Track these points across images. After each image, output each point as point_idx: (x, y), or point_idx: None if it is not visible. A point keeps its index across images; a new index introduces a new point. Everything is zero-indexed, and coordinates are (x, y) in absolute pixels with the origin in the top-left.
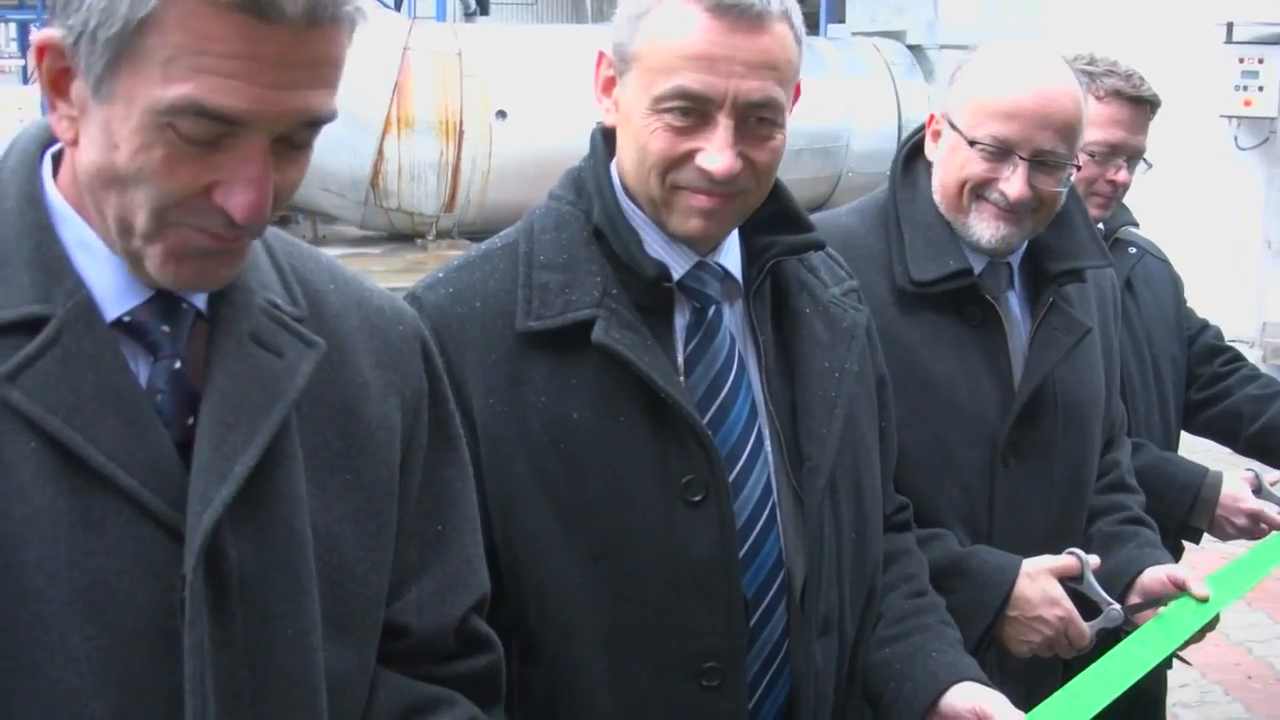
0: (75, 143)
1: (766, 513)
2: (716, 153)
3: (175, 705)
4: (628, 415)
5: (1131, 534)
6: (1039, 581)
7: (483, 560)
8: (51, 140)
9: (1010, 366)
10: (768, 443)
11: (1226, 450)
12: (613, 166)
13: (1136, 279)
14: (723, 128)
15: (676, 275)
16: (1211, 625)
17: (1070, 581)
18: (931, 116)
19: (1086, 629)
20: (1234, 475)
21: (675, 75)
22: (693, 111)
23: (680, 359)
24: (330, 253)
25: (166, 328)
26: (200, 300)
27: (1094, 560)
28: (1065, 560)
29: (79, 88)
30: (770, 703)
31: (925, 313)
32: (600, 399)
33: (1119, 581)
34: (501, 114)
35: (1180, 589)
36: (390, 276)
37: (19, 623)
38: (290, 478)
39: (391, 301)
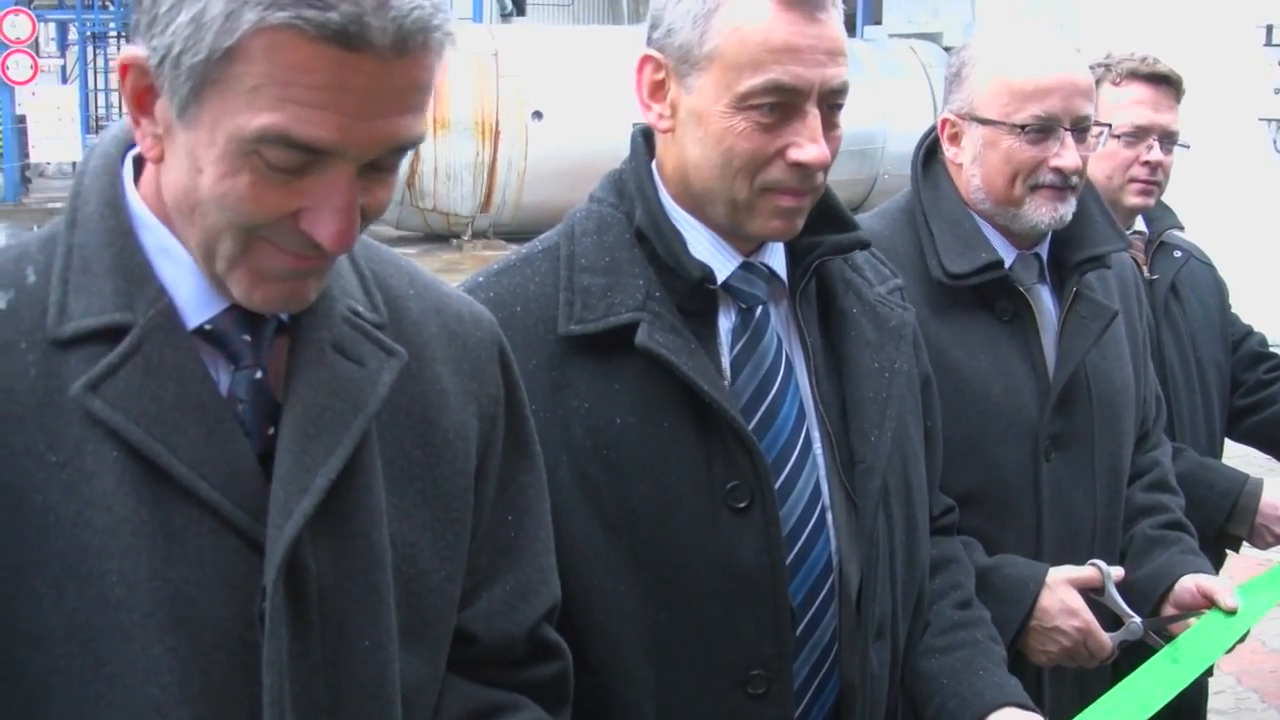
0: (161, 159)
1: (816, 517)
2: (810, 143)
3: (253, 716)
4: (671, 420)
5: (1174, 539)
6: (1057, 592)
7: (554, 568)
8: (132, 143)
9: (1044, 359)
10: (817, 445)
11: (1264, 457)
12: (654, 168)
13: (1181, 283)
14: (811, 117)
15: (721, 277)
16: (1242, 638)
17: (1092, 593)
18: (944, 120)
19: (1107, 640)
20: (1274, 483)
21: (764, 70)
22: (781, 105)
23: (726, 362)
24: None
25: (248, 337)
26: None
27: (1117, 572)
28: (1087, 572)
29: (163, 106)
30: (818, 709)
31: (956, 311)
32: (644, 404)
33: (1156, 588)
34: (537, 114)
35: (1209, 600)
36: None
37: (100, 632)
38: (370, 488)
39: (470, 306)
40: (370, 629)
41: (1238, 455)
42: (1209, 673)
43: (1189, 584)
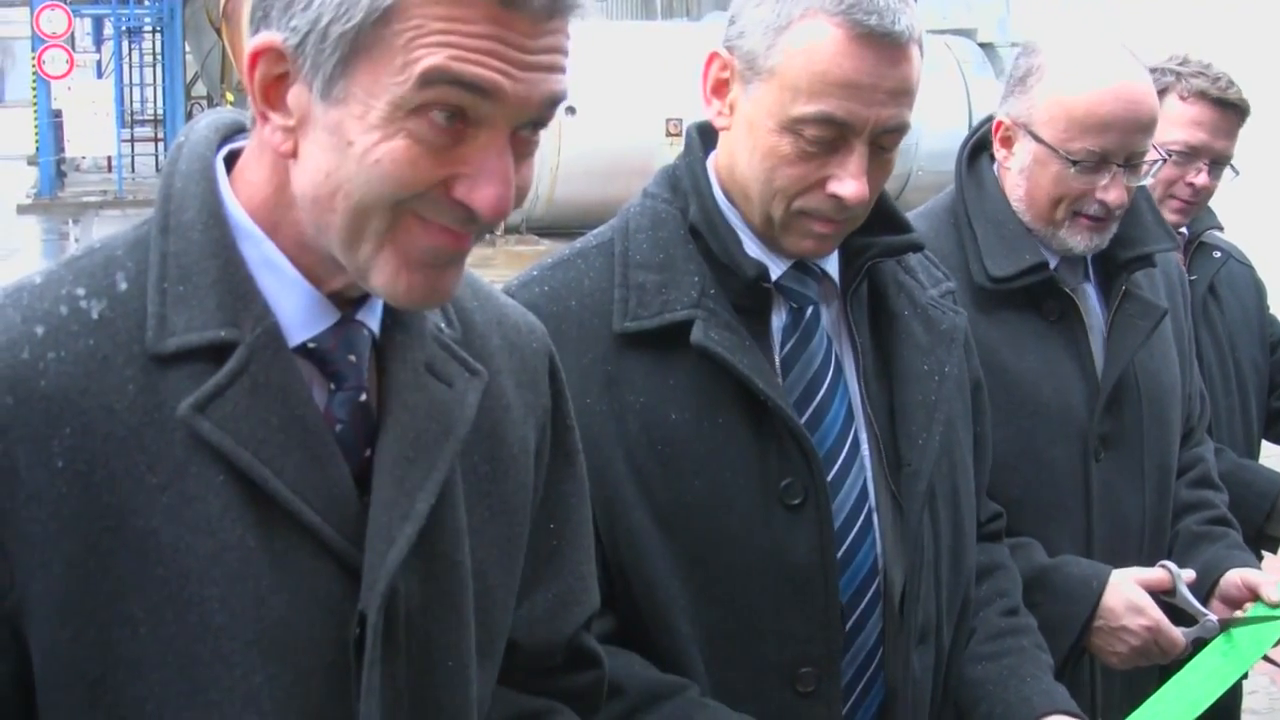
0: (294, 154)
1: (863, 518)
2: (852, 180)
3: None
4: (726, 417)
5: (1219, 534)
6: (1122, 590)
7: (594, 576)
8: (223, 142)
9: (1093, 359)
10: (865, 446)
11: None
12: (709, 165)
13: (1220, 283)
14: (858, 154)
15: (774, 275)
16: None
17: (1163, 595)
18: (1000, 123)
19: (1179, 635)
20: None
21: (819, 100)
22: (830, 137)
23: (777, 360)
24: None
25: (353, 357)
26: (376, 324)
27: (1188, 574)
28: (1157, 574)
29: (299, 94)
30: (864, 711)
31: (1003, 312)
32: (699, 400)
33: (1204, 583)
34: (571, 110)
35: (1254, 594)
36: None
37: (198, 659)
38: (455, 510)
39: (524, 316)
40: (453, 650)
41: (1275, 455)
42: (1244, 674)
43: (1235, 578)
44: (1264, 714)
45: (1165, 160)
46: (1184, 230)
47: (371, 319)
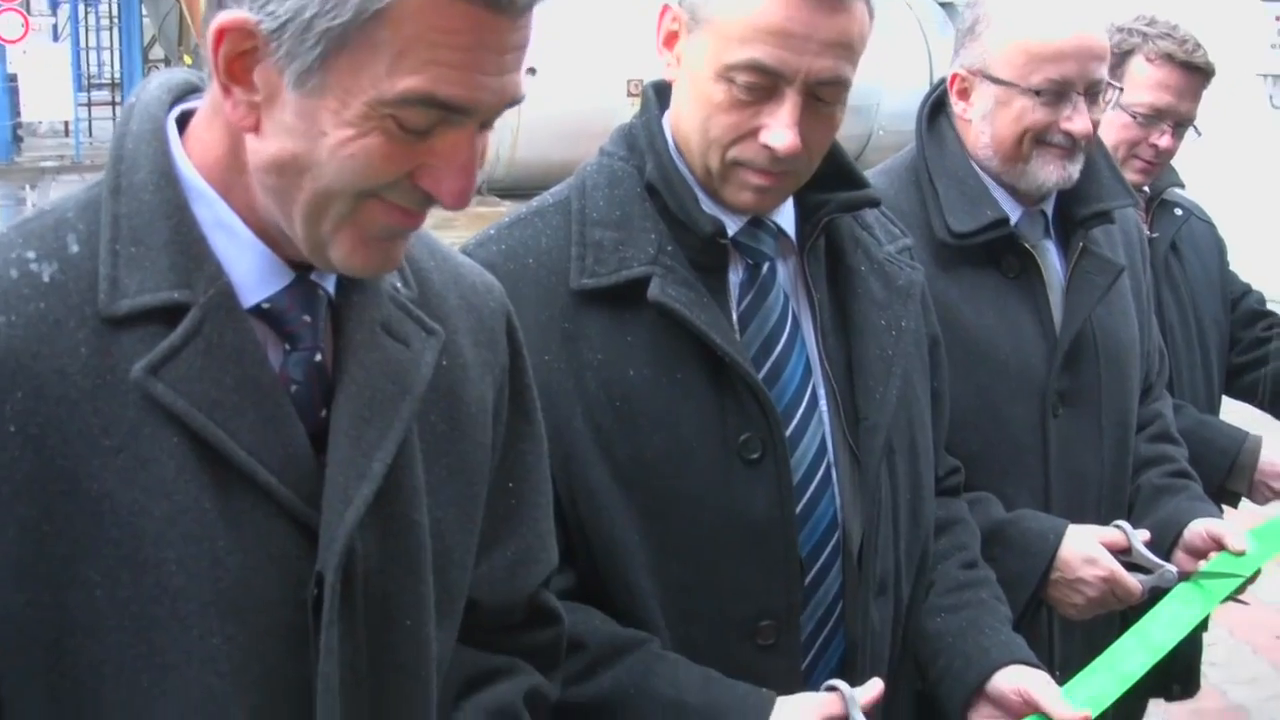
0: (255, 129)
1: (821, 472)
2: (783, 129)
3: (303, 699)
4: (684, 373)
5: (1181, 487)
6: (1078, 543)
7: (553, 534)
8: (174, 103)
9: (1052, 315)
10: (823, 401)
11: (1262, 415)
12: (665, 122)
13: (1182, 241)
14: (789, 104)
15: (731, 231)
16: (1253, 579)
17: (1120, 554)
18: (955, 75)
19: (1135, 583)
20: (1273, 440)
21: (749, 47)
22: (761, 86)
23: (734, 316)
24: None
25: (308, 317)
26: (330, 285)
27: (1143, 534)
28: (1111, 533)
29: (267, 74)
30: (824, 663)
31: (963, 269)
32: (657, 357)
33: (1167, 535)
34: (531, 71)
35: (1218, 544)
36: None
37: (156, 621)
38: (413, 469)
39: (481, 275)
40: (412, 609)
41: (1234, 413)
42: (1204, 626)
43: (1199, 529)
44: (1222, 665)
45: (1119, 93)
46: (1146, 188)
47: (326, 280)
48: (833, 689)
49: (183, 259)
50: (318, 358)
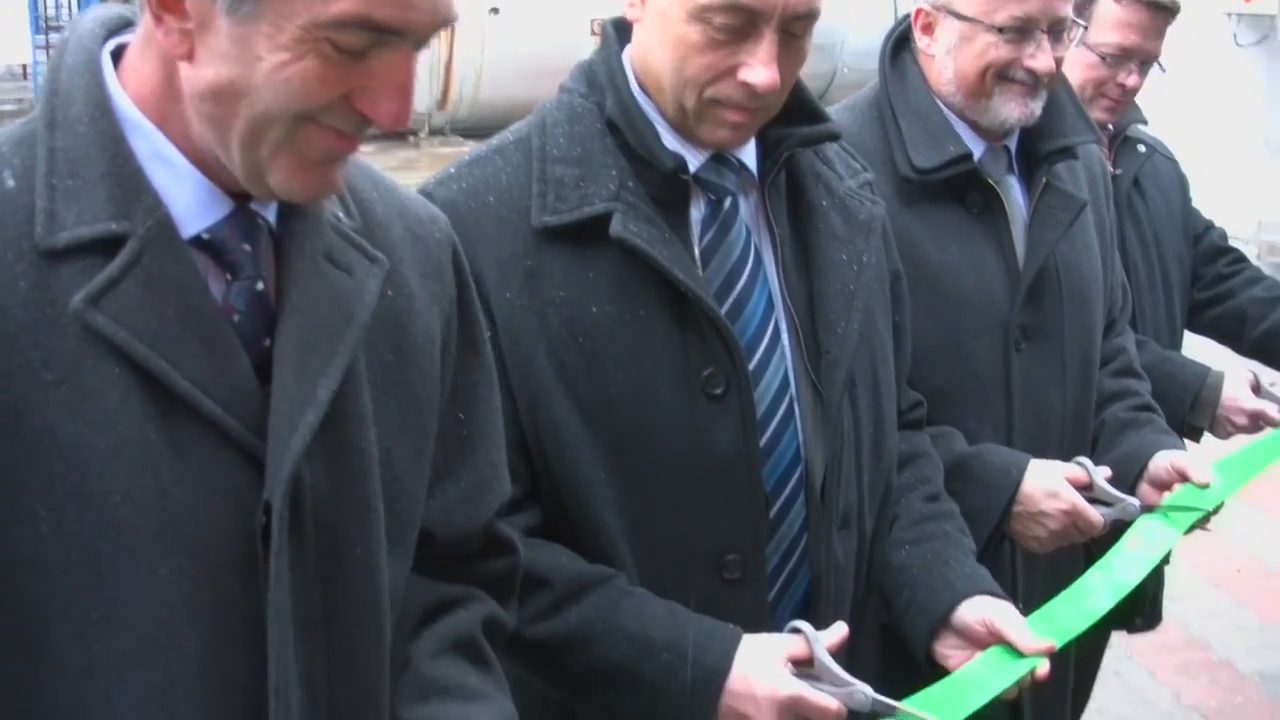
0: (189, 57)
1: (784, 407)
2: (762, 67)
3: (255, 629)
4: (647, 309)
5: (1145, 420)
6: (1040, 476)
7: (505, 464)
8: (109, 35)
9: (1015, 251)
10: (785, 336)
11: (1224, 351)
12: (625, 58)
13: (1145, 178)
14: (768, 41)
15: (692, 167)
16: (1216, 511)
17: (1082, 490)
18: (919, 11)
19: (1097, 515)
20: (1234, 375)
21: None
22: (738, 25)
23: (696, 251)
24: None
25: (248, 246)
26: (271, 215)
27: (1104, 470)
28: (1073, 470)
29: (199, 1)
30: (789, 597)
31: (926, 205)
32: (619, 293)
33: (1132, 468)
34: (494, 10)
35: (1183, 476)
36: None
37: (103, 555)
38: (359, 397)
39: (426, 207)
40: (361, 538)
41: (1197, 347)
42: (1166, 560)
43: (1163, 461)
44: (1185, 599)
45: (1084, 30)
46: (1109, 125)
47: (266, 209)
48: (796, 630)
49: (120, 191)
50: (259, 286)
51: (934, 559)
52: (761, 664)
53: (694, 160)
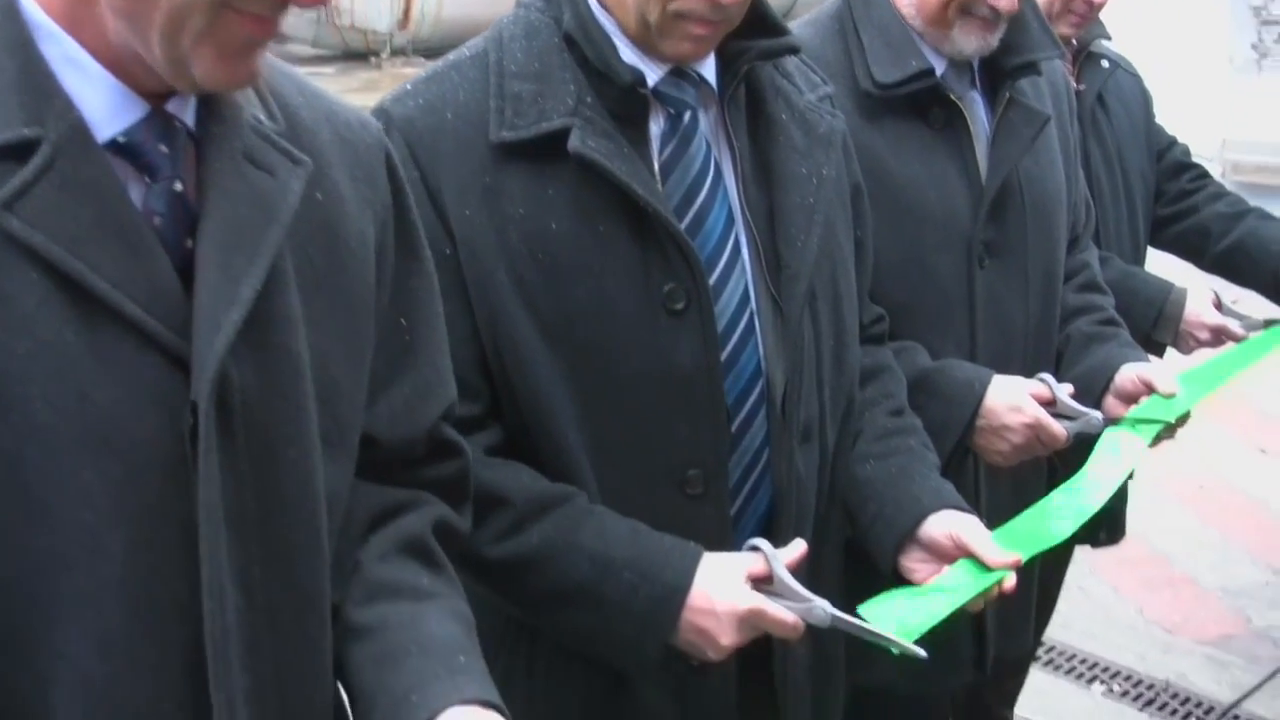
0: None
1: (745, 321)
2: None
3: (187, 532)
4: (606, 225)
5: (1111, 334)
6: (1004, 391)
7: (450, 369)
8: None
9: (978, 167)
10: (745, 250)
11: (1184, 268)
12: None
13: (1109, 93)
14: None
15: (651, 82)
16: (1183, 421)
17: (1046, 406)
18: None
19: (1060, 429)
20: (1197, 291)
21: None
22: None
23: (656, 166)
24: None
25: (165, 148)
26: (190, 118)
27: (1066, 387)
28: (1035, 386)
29: None
30: (752, 511)
31: (888, 119)
32: (578, 209)
33: (1098, 381)
34: None
35: (1149, 388)
36: (344, 97)
37: (25, 461)
38: (286, 299)
39: (356, 114)
40: (294, 439)
41: (1159, 263)
42: (1130, 475)
43: (1129, 374)
44: (1148, 515)
45: None
46: (1073, 40)
47: (184, 111)
48: (756, 549)
49: (31, 97)
50: (178, 186)
51: (900, 474)
52: (722, 580)
53: (653, 74)
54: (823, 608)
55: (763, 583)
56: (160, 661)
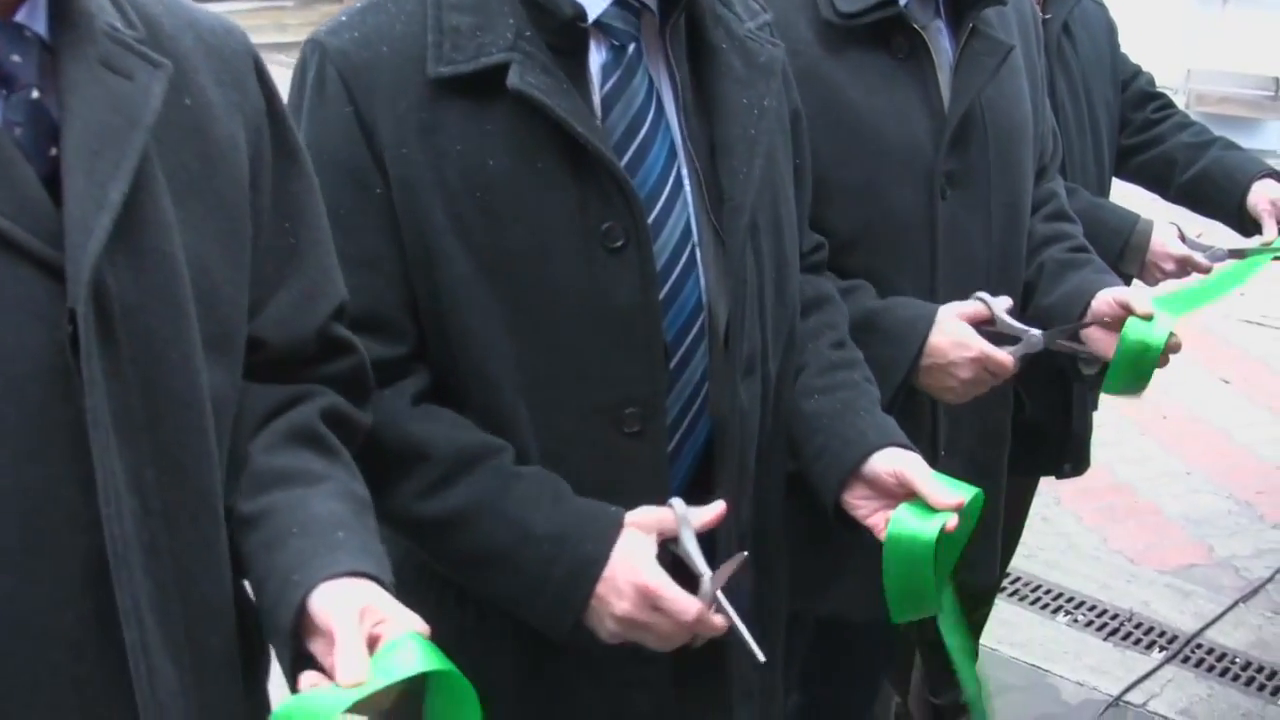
0: None
1: (686, 256)
2: None
3: (76, 442)
4: (545, 161)
5: (1084, 260)
6: (946, 328)
7: (338, 269)
8: None
9: (941, 97)
10: (687, 183)
11: (1147, 200)
12: None
13: (1074, 22)
14: None
15: (594, 14)
16: (1174, 348)
17: (984, 326)
18: None
19: (1006, 357)
20: (1162, 223)
21: None
22: None
23: (597, 99)
24: (241, 7)
25: (18, 57)
26: (42, 28)
27: (1004, 301)
28: (972, 306)
29: None
30: (690, 445)
31: (850, 49)
32: (517, 146)
33: (1074, 307)
34: None
35: (1126, 310)
36: (306, 30)
37: None
38: (157, 203)
39: (221, 20)
40: (177, 342)
41: (1124, 194)
42: (1094, 405)
43: (1106, 297)
44: (1112, 445)
45: None
46: None
47: (35, 21)
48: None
49: None
50: (34, 94)
51: (845, 408)
52: (637, 552)
53: (594, 7)
54: (707, 584)
55: (672, 542)
56: (58, 573)
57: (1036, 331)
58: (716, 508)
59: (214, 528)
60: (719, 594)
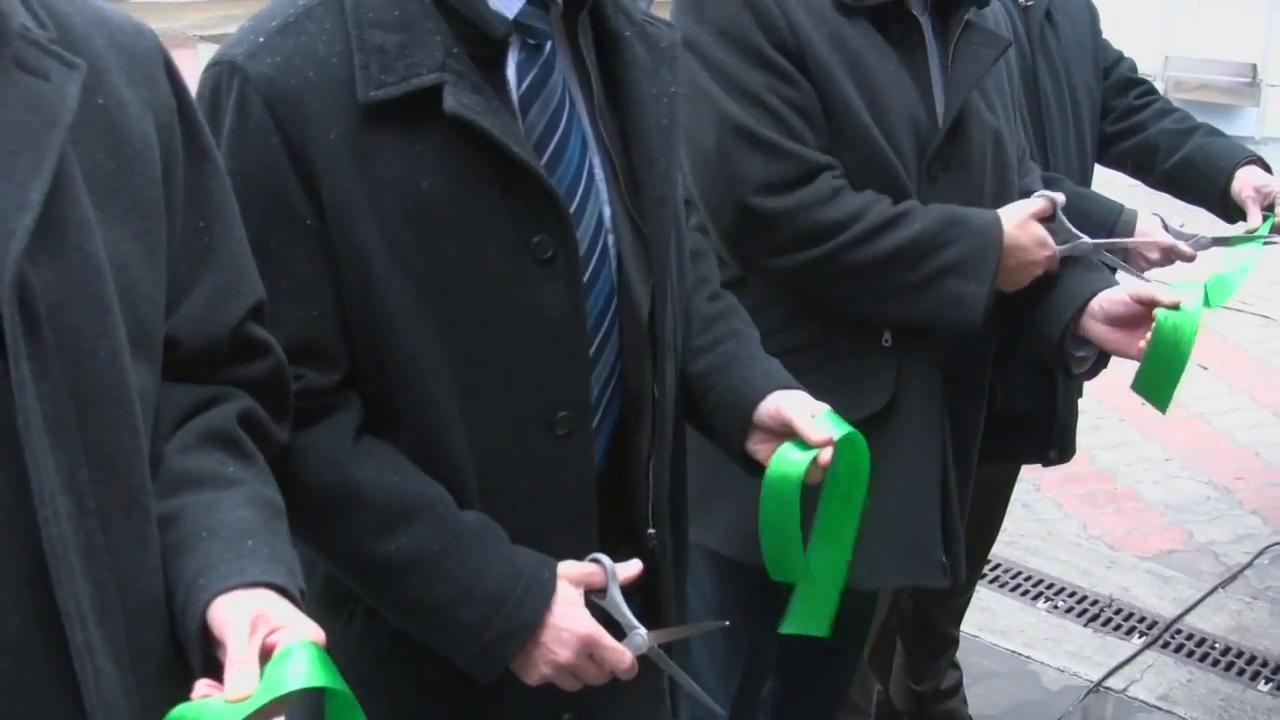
0: None
1: (600, 245)
2: None
3: (6, 443)
4: (477, 177)
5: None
6: (1027, 228)
7: (254, 268)
8: None
9: (930, 85)
10: (599, 174)
11: (1128, 190)
12: None
13: (1056, 9)
14: None
15: (511, 14)
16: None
17: (1045, 222)
18: None
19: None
20: (1145, 212)
21: None
22: None
23: (515, 99)
24: None
25: None
26: None
27: (1060, 197)
28: (1040, 203)
29: None
30: (604, 427)
31: (858, 25)
32: (449, 165)
33: (1073, 305)
34: None
35: (1145, 304)
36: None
37: None
38: (77, 202)
39: (130, 19)
40: (103, 340)
41: (1106, 182)
42: (1079, 392)
43: (1119, 294)
44: (1093, 431)
45: None
46: None
47: None
48: (597, 561)
49: None
50: None
51: (730, 360)
52: (576, 604)
53: (509, 9)
54: (642, 636)
55: (597, 594)
56: None
57: (1086, 239)
58: (635, 565)
59: (147, 525)
60: (653, 643)
